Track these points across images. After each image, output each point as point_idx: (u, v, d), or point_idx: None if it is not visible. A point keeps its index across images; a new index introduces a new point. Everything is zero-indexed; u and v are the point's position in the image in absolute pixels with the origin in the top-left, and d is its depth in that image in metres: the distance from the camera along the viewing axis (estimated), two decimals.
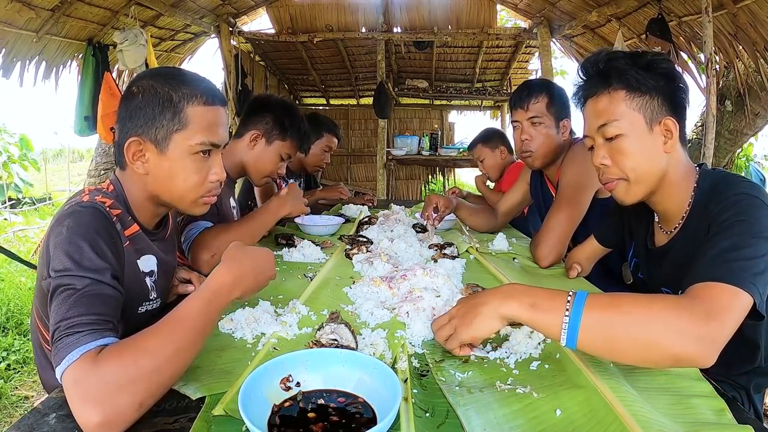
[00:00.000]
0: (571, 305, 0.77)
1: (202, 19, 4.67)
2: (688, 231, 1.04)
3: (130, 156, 0.96)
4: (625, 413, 0.70)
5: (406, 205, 2.63)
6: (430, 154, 6.41)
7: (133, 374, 0.68)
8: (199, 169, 1.00)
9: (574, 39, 4.98)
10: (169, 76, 0.98)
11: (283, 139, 1.77)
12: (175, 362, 0.73)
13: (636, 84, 1.01)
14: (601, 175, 1.09)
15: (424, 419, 0.71)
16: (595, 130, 1.06)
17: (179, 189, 0.99)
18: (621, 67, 1.02)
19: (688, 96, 1.05)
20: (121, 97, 1.00)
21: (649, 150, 1.02)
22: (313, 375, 0.77)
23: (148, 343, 0.73)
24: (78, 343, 0.71)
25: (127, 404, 0.67)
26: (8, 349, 2.96)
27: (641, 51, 1.07)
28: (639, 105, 1.01)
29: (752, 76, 3.85)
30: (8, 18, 3.07)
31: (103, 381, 0.67)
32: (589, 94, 1.08)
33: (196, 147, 0.98)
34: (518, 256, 1.67)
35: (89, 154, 8.73)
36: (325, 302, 1.17)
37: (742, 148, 5.44)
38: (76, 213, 0.87)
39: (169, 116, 0.95)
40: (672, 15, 3.53)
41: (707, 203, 0.98)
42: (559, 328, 0.77)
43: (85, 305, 0.76)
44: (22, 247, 5.09)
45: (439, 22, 5.40)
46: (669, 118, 1.01)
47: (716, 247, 0.85)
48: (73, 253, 0.81)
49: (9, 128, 7.90)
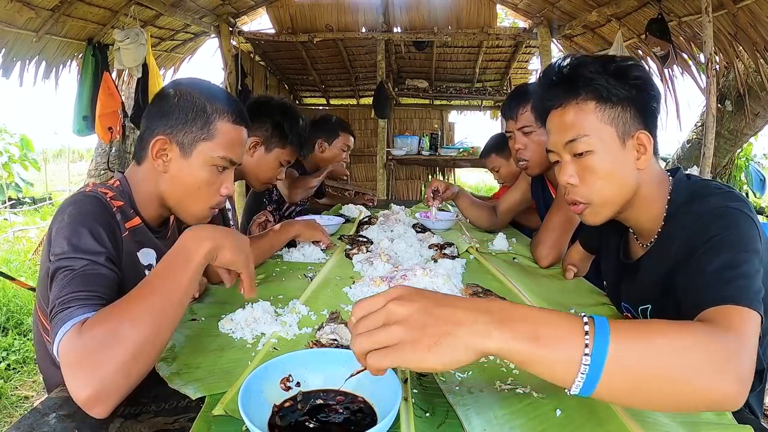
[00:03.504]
0: (592, 336, 0.55)
1: (202, 19, 4.66)
2: (662, 245, 0.96)
3: (154, 152, 1.01)
4: (625, 413, 0.70)
5: (406, 205, 2.63)
6: (430, 154, 6.41)
7: (115, 338, 0.69)
8: (213, 182, 1.05)
9: (574, 39, 4.98)
10: (207, 89, 1.05)
11: (283, 146, 1.76)
12: (158, 324, 0.73)
13: (607, 94, 0.91)
14: (567, 194, 0.99)
15: (424, 419, 0.71)
16: (562, 146, 0.96)
17: (190, 195, 1.03)
18: (589, 75, 0.92)
19: (659, 105, 0.97)
20: (156, 95, 1.06)
21: (621, 168, 0.93)
22: (313, 375, 0.76)
23: (128, 307, 0.74)
24: (69, 316, 0.73)
25: (113, 370, 0.67)
26: (8, 349, 2.96)
27: (609, 56, 0.96)
28: (610, 117, 0.92)
29: (752, 76, 3.86)
30: (8, 18, 3.07)
31: (87, 348, 0.68)
32: (554, 104, 0.97)
33: (216, 159, 1.03)
34: (518, 256, 1.67)
35: (89, 154, 8.73)
36: (325, 302, 1.17)
37: (742, 148, 5.45)
38: (78, 201, 0.92)
39: (200, 125, 1.01)
40: (672, 15, 3.53)
41: (683, 218, 0.90)
42: (576, 367, 0.54)
43: (79, 283, 0.79)
44: (21, 247, 5.09)
45: (439, 22, 5.40)
46: (643, 132, 0.93)
47: (713, 265, 0.77)
48: (71, 237, 0.85)
49: (9, 128, 7.89)
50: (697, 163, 3.82)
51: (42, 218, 6.60)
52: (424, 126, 7.41)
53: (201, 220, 1.08)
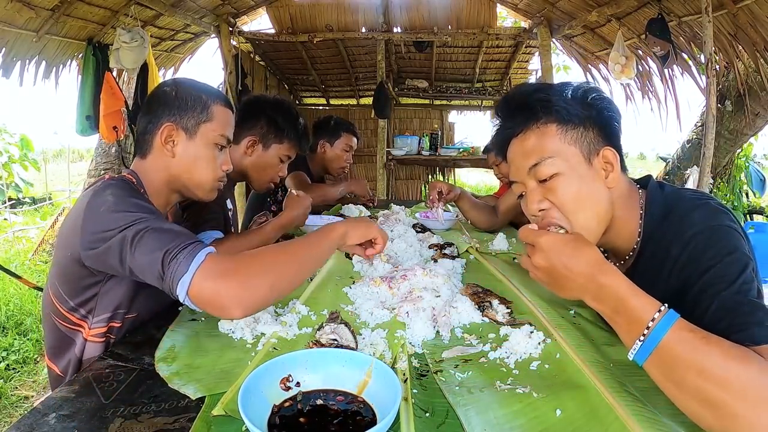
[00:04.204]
0: (659, 319, 0.68)
1: (202, 19, 4.66)
2: (642, 266, 0.92)
3: (162, 138, 1.12)
4: (626, 413, 0.70)
5: (406, 205, 2.63)
6: (430, 154, 6.41)
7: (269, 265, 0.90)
8: (215, 158, 1.18)
9: (574, 39, 4.98)
10: (194, 81, 1.20)
11: (280, 141, 1.74)
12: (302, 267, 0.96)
13: (567, 115, 0.88)
14: (541, 221, 0.91)
15: (424, 419, 0.71)
16: (526, 173, 0.91)
17: (200, 172, 1.16)
18: (547, 98, 0.90)
19: (620, 124, 0.94)
20: (151, 94, 1.18)
21: (590, 188, 0.88)
22: (313, 375, 0.77)
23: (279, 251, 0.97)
24: (195, 251, 0.86)
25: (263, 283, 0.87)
26: (8, 349, 2.96)
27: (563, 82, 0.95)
28: (573, 138, 0.89)
29: (752, 76, 3.86)
30: (8, 18, 3.07)
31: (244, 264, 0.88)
32: (514, 132, 0.94)
33: (217, 137, 1.17)
34: (518, 255, 1.67)
35: (89, 154, 8.73)
36: (325, 302, 1.17)
37: (742, 148, 5.44)
38: (113, 184, 1.00)
39: (200, 109, 1.14)
40: (672, 15, 3.53)
41: (666, 237, 0.86)
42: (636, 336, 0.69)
43: (176, 233, 0.91)
44: (21, 247, 5.09)
45: (439, 22, 5.40)
46: (608, 149, 0.90)
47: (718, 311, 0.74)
48: (131, 207, 0.94)
49: (9, 128, 7.89)
50: (697, 163, 3.83)
51: (42, 218, 6.60)
52: (424, 126, 7.41)
53: (210, 194, 1.21)
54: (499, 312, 1.08)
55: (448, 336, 1.00)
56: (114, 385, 0.79)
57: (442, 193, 1.95)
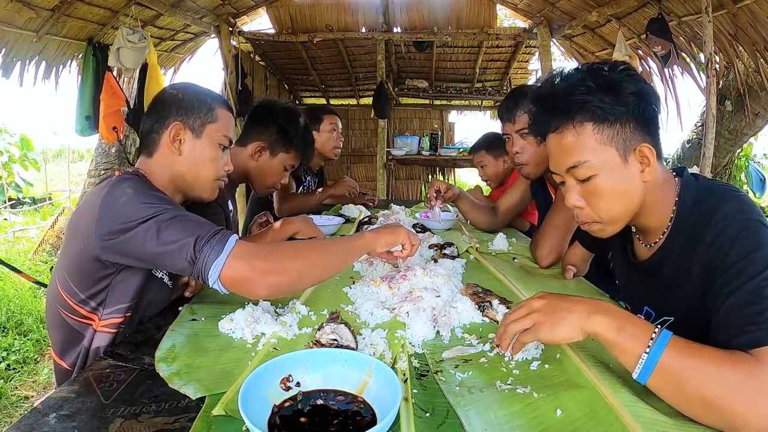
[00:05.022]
0: (655, 340, 0.73)
1: (202, 19, 4.67)
2: (672, 249, 0.95)
3: (170, 137, 1.16)
4: (626, 413, 0.70)
5: (406, 205, 2.63)
6: (430, 154, 6.41)
7: (302, 255, 0.99)
8: (218, 158, 1.23)
9: (574, 39, 4.99)
10: (197, 86, 1.25)
11: (287, 151, 1.77)
12: (329, 263, 1.04)
13: (603, 114, 0.89)
14: (576, 217, 1.01)
15: (424, 419, 0.71)
16: (565, 171, 0.96)
17: (205, 170, 1.21)
18: (582, 99, 0.89)
19: (659, 108, 0.93)
20: (156, 97, 1.23)
21: (626, 185, 0.92)
22: (313, 375, 0.77)
23: (310, 246, 1.06)
24: (226, 236, 0.95)
25: (293, 268, 0.95)
26: (8, 349, 2.96)
27: (598, 67, 0.92)
28: (609, 136, 0.90)
29: (752, 76, 3.86)
30: (8, 18, 3.07)
31: (276, 252, 0.98)
32: (551, 128, 0.96)
33: (221, 138, 1.22)
34: (518, 256, 1.67)
35: (89, 154, 8.73)
36: (325, 302, 1.17)
37: (742, 148, 5.45)
38: (128, 179, 1.04)
39: (205, 110, 1.20)
40: (672, 15, 3.54)
41: (695, 226, 0.89)
42: (637, 358, 0.73)
43: (202, 222, 0.97)
44: (22, 247, 5.09)
45: (439, 22, 5.40)
46: (645, 145, 0.90)
47: (740, 300, 0.77)
48: (153, 199, 0.99)
49: (9, 128, 7.89)
50: (697, 163, 3.82)
51: (42, 218, 6.60)
52: (424, 126, 7.41)
53: (211, 193, 1.25)
54: (499, 312, 1.08)
55: (448, 336, 1.00)
56: (114, 385, 0.79)
57: (440, 192, 1.95)
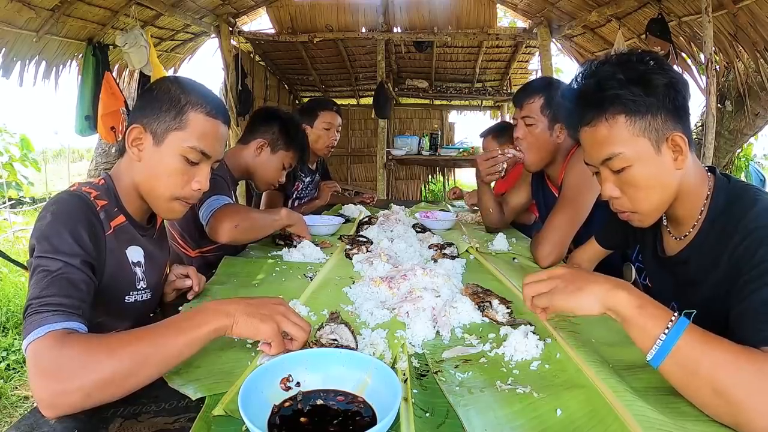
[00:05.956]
0: (674, 323, 0.72)
1: (202, 19, 4.67)
2: (702, 246, 0.97)
3: (129, 140, 1.04)
4: (626, 413, 0.69)
5: (406, 205, 2.63)
6: (430, 154, 6.41)
7: (91, 366, 0.71)
8: (184, 172, 1.05)
9: (574, 39, 4.99)
10: (185, 83, 1.08)
11: (287, 149, 1.92)
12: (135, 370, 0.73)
13: (635, 106, 0.91)
14: (612, 206, 1.03)
15: (424, 419, 0.71)
16: (599, 163, 0.98)
17: (160, 183, 1.04)
18: (614, 93, 0.91)
19: (689, 95, 0.94)
20: (140, 92, 1.13)
21: (660, 174, 0.94)
22: (313, 375, 0.77)
23: (117, 345, 0.74)
24: (45, 321, 0.75)
25: (75, 389, 0.69)
26: (8, 349, 2.96)
27: (629, 57, 0.94)
28: (642, 128, 0.92)
29: (752, 76, 3.86)
30: (8, 18, 3.08)
31: (61, 361, 0.71)
32: (584, 122, 0.98)
33: (187, 150, 1.04)
34: (518, 256, 1.67)
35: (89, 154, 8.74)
36: (325, 302, 1.17)
37: (742, 148, 5.44)
38: (61, 200, 0.94)
39: (173, 115, 1.03)
40: (672, 15, 3.54)
41: (725, 227, 0.91)
42: (654, 339, 0.73)
43: (57, 287, 0.81)
44: (22, 247, 5.09)
45: (439, 22, 5.41)
46: (677, 134, 0.91)
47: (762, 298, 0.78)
48: (52, 237, 0.87)
49: (9, 128, 7.89)
50: None
51: None
52: (424, 126, 7.42)
53: (168, 213, 1.08)
54: (499, 312, 1.08)
55: (448, 336, 1.00)
56: None
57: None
